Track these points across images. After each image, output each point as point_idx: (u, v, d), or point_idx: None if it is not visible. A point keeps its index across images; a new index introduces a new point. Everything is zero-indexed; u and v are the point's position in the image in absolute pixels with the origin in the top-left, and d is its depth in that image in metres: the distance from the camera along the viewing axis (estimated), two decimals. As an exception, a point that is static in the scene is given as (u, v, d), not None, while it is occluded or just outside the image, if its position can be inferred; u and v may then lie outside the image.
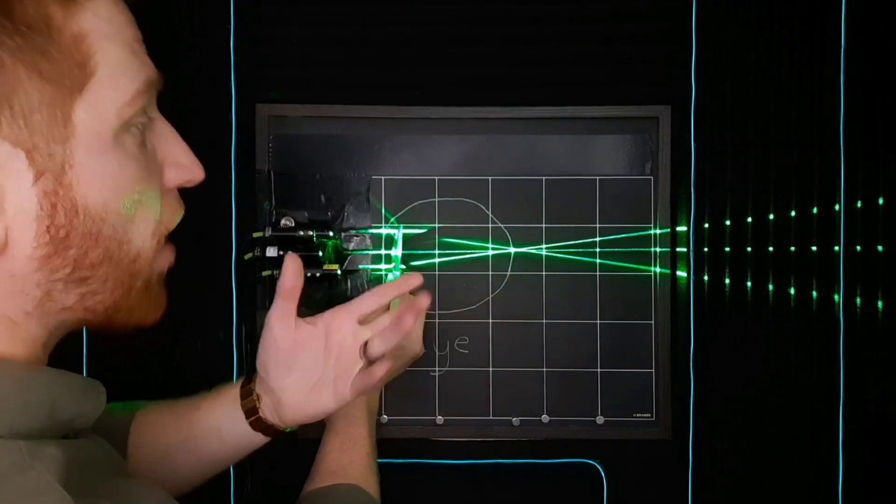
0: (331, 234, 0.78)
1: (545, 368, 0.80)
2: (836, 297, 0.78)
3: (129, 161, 0.40)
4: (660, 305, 0.80)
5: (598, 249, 0.80)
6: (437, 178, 0.80)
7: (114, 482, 0.41)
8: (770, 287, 0.78)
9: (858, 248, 0.77)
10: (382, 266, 0.80)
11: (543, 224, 0.80)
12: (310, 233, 0.77)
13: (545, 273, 0.80)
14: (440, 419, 0.80)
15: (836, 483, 0.78)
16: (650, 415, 0.80)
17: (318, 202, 0.80)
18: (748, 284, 0.79)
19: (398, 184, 0.80)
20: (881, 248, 0.76)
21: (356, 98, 0.80)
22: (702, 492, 0.80)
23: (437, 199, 0.80)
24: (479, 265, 0.80)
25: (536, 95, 0.80)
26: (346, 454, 0.65)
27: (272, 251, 0.76)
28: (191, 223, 0.77)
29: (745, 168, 0.79)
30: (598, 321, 0.80)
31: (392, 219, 0.80)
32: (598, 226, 0.80)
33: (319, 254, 0.77)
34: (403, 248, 0.79)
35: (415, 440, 0.80)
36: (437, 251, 0.80)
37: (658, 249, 0.80)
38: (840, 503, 0.78)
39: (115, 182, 0.39)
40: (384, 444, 0.75)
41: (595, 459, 0.80)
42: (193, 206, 0.76)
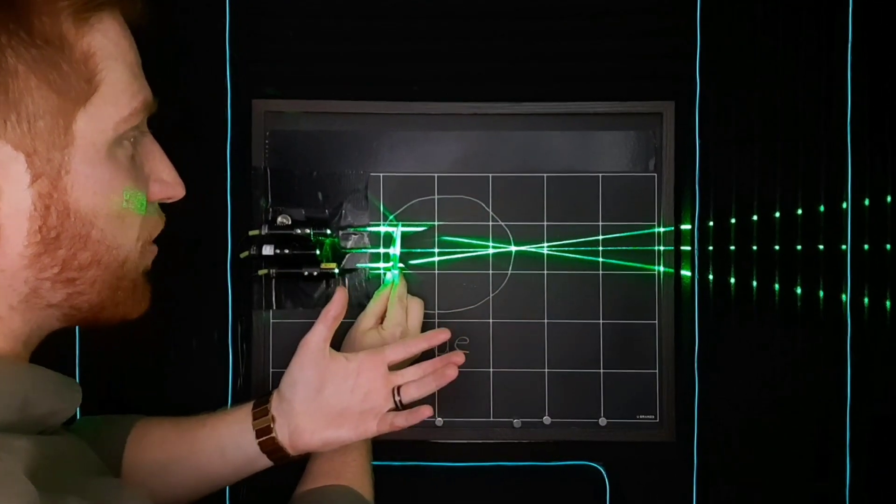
0: (328, 233, 0.77)
1: (547, 369, 0.79)
2: (844, 297, 0.77)
3: (120, 172, 0.44)
4: (664, 305, 0.79)
5: (601, 248, 0.79)
6: (437, 176, 0.79)
7: (86, 480, 0.42)
8: (776, 286, 0.77)
9: (866, 247, 0.76)
10: (381, 265, 0.79)
11: (545, 222, 0.79)
12: (307, 231, 0.76)
13: (547, 272, 0.79)
14: (439, 421, 0.79)
15: (844, 487, 0.77)
16: (654, 416, 0.79)
17: (316, 200, 0.79)
18: (754, 284, 0.78)
19: (397, 181, 0.79)
20: (889, 247, 0.76)
21: (354, 93, 0.78)
22: (707, 495, 0.79)
23: (437, 197, 0.79)
24: (480, 264, 0.79)
25: (538, 91, 0.79)
26: (340, 455, 0.65)
27: (268, 249, 0.75)
28: (186, 221, 0.77)
29: (751, 165, 0.78)
30: (601, 321, 0.79)
31: (391, 217, 0.79)
32: (601, 224, 0.79)
33: (316, 252, 0.76)
34: (402, 247, 0.78)
35: (413, 442, 0.79)
36: (437, 250, 0.79)
37: (662, 248, 0.79)
38: (847, 507, 0.77)
39: (106, 189, 0.43)
40: (382, 446, 0.75)
41: (598, 462, 0.79)
42: (189, 205, 0.77)
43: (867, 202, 0.76)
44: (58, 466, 0.39)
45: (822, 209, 0.77)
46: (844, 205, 0.77)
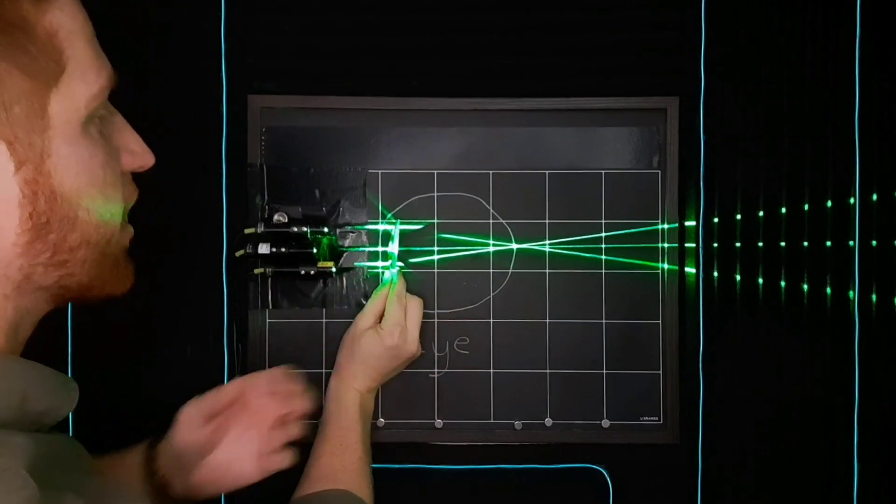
0: (325, 231, 0.76)
1: (548, 370, 0.78)
2: (851, 294, 0.76)
3: (96, 148, 0.44)
4: (668, 304, 0.78)
5: (604, 245, 0.78)
6: (437, 173, 0.78)
7: (83, 479, 0.43)
8: (782, 284, 0.77)
9: (874, 243, 0.75)
10: (379, 263, 0.78)
11: (547, 220, 0.78)
12: (304, 229, 0.75)
13: (548, 271, 0.78)
14: (439, 423, 0.78)
15: (851, 489, 0.76)
16: (658, 418, 0.78)
17: (313, 197, 0.78)
18: (759, 282, 0.77)
19: (395, 178, 0.79)
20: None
21: (352, 89, 0.78)
22: (711, 499, 0.78)
23: (436, 194, 0.78)
24: (480, 262, 0.78)
25: (539, 86, 0.78)
26: (338, 459, 0.66)
27: (264, 248, 0.75)
28: (181, 219, 0.77)
29: (757, 161, 0.77)
30: (604, 320, 0.78)
31: (389, 215, 0.78)
32: (604, 221, 0.78)
33: (314, 251, 0.75)
34: (400, 245, 0.77)
35: (413, 444, 0.78)
36: (437, 248, 0.78)
37: (666, 245, 0.78)
38: (856, 510, 0.76)
39: (87, 168, 0.43)
40: (381, 449, 0.75)
41: (600, 465, 0.79)
42: (184, 202, 0.77)
43: (875, 197, 0.75)
44: (55, 465, 0.39)
45: (830, 205, 0.76)
46: (852, 200, 0.76)
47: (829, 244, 0.76)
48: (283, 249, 0.75)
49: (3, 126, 0.39)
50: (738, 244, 0.77)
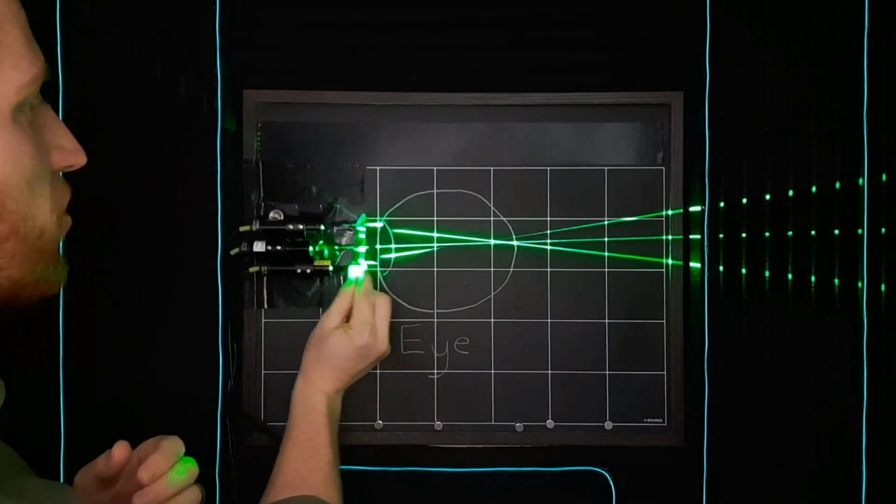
0: (322, 228, 0.76)
1: (550, 371, 0.78)
2: (860, 289, 0.75)
3: (25, 138, 0.44)
4: (672, 303, 0.78)
5: (607, 242, 0.77)
6: (436, 169, 0.78)
7: (20, 481, 0.42)
8: (789, 281, 0.76)
9: (883, 231, 0.75)
10: (377, 262, 0.77)
11: (548, 217, 0.78)
12: (300, 226, 0.75)
13: (550, 269, 0.78)
14: (439, 425, 0.78)
15: (860, 491, 0.76)
16: (662, 420, 0.78)
17: (309, 194, 0.78)
18: (765, 280, 0.76)
19: (394, 175, 0.78)
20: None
21: (350, 83, 0.77)
22: (717, 502, 0.77)
23: (436, 191, 0.78)
24: (480, 261, 0.78)
25: (541, 81, 0.77)
26: (306, 464, 0.65)
27: (260, 246, 0.74)
28: (175, 216, 0.76)
29: (763, 158, 0.77)
30: (607, 320, 0.78)
31: (362, 216, 0.77)
32: (607, 219, 0.78)
33: (310, 249, 0.75)
34: (399, 244, 0.77)
35: (412, 447, 0.78)
36: (436, 246, 0.77)
37: (670, 237, 0.77)
38: (864, 513, 0.76)
39: (14, 156, 0.43)
40: (379, 452, 0.76)
41: (603, 467, 0.78)
42: (178, 199, 0.76)
43: (884, 177, 0.75)
44: None
45: (837, 202, 0.76)
46: (860, 181, 0.75)
47: (837, 235, 0.76)
48: (279, 247, 0.74)
49: None
50: (744, 234, 0.76)
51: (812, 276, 0.76)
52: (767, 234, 0.76)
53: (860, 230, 0.75)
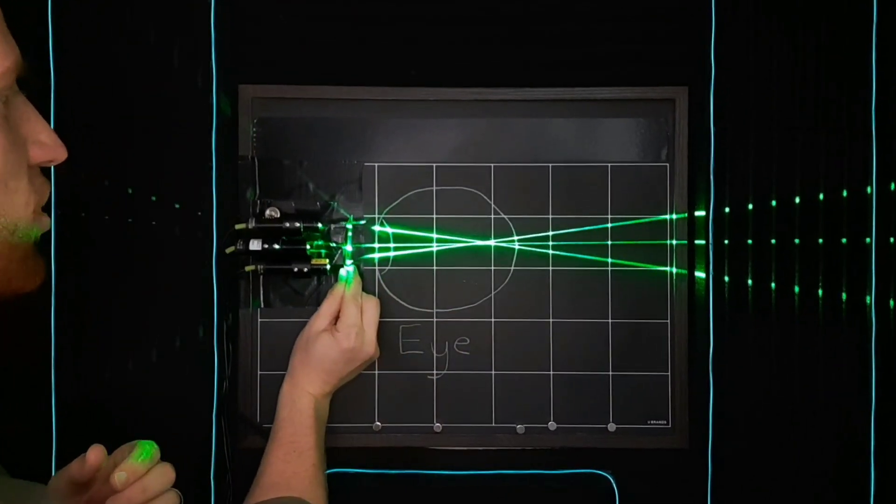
0: (319, 226, 0.75)
1: (552, 371, 0.77)
2: (868, 300, 0.74)
3: None
4: (676, 302, 0.77)
5: (610, 242, 0.77)
6: (436, 166, 0.77)
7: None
8: (796, 283, 0.75)
9: (892, 240, 0.74)
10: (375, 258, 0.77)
11: (550, 215, 0.77)
12: (296, 224, 0.74)
13: (552, 268, 0.77)
14: (438, 426, 0.77)
15: (868, 496, 0.75)
16: (665, 422, 0.77)
17: (306, 191, 0.77)
18: (772, 280, 0.76)
19: (393, 171, 0.77)
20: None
21: (347, 78, 0.77)
22: None
23: (435, 188, 0.77)
24: (481, 259, 0.77)
25: (543, 75, 0.77)
26: (291, 466, 0.66)
27: (256, 244, 0.74)
28: (169, 214, 0.75)
29: (769, 155, 0.76)
30: (610, 320, 0.77)
31: (350, 217, 0.77)
32: (610, 217, 0.77)
33: (307, 247, 0.74)
34: (398, 242, 0.76)
35: (411, 449, 0.78)
36: (435, 245, 0.77)
37: (675, 241, 0.77)
38: (872, 518, 0.75)
39: None
40: (377, 454, 0.76)
41: (606, 470, 0.78)
42: (173, 196, 0.75)
43: (893, 186, 0.74)
44: None
45: (845, 200, 0.75)
46: (869, 189, 0.74)
47: (845, 241, 0.75)
48: (276, 246, 0.74)
49: None
50: (750, 241, 0.76)
51: (819, 280, 0.75)
52: (774, 241, 0.75)
53: (868, 239, 0.74)
